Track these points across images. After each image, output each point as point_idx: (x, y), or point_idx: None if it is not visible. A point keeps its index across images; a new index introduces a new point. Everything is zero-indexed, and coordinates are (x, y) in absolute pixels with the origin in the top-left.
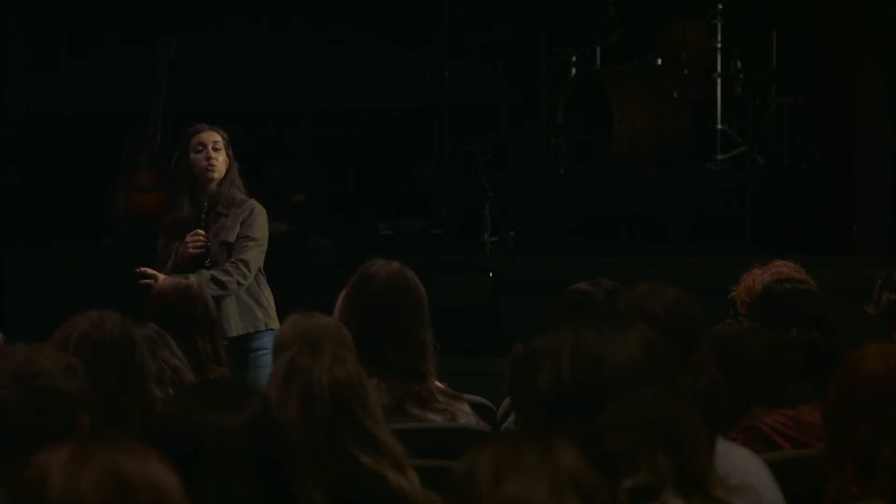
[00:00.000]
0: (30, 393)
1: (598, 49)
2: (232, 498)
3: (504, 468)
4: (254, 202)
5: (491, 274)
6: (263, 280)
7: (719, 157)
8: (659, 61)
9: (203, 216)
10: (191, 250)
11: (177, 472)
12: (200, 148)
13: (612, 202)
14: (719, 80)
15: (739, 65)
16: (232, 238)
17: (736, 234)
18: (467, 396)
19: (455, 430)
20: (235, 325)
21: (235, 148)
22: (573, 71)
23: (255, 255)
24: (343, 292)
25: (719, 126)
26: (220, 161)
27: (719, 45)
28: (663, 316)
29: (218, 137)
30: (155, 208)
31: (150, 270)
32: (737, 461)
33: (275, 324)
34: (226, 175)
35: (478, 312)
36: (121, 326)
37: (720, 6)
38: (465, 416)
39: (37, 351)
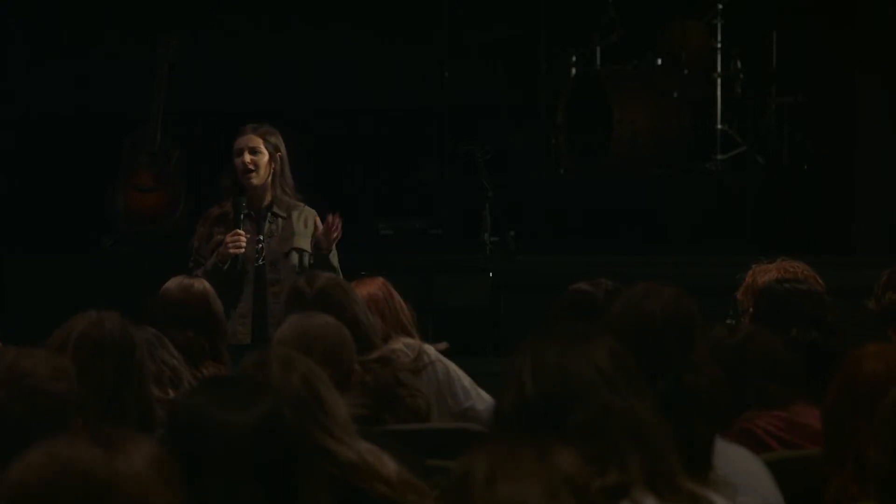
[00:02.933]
0: (20, 393)
1: (598, 49)
2: (233, 497)
3: (499, 470)
4: (308, 208)
5: (491, 274)
6: None
7: (719, 157)
8: (659, 61)
9: (241, 217)
10: (230, 250)
11: (182, 466)
12: (238, 153)
13: (612, 202)
14: (719, 80)
15: (739, 65)
16: (302, 244)
17: (736, 234)
18: None
19: (455, 430)
20: None
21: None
22: (573, 71)
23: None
24: None
25: (719, 126)
26: (261, 165)
27: (719, 45)
28: (662, 315)
29: (258, 142)
30: (155, 208)
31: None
32: (737, 462)
33: None
34: (273, 177)
35: (478, 312)
36: (120, 326)
37: (720, 6)
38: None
39: (26, 353)
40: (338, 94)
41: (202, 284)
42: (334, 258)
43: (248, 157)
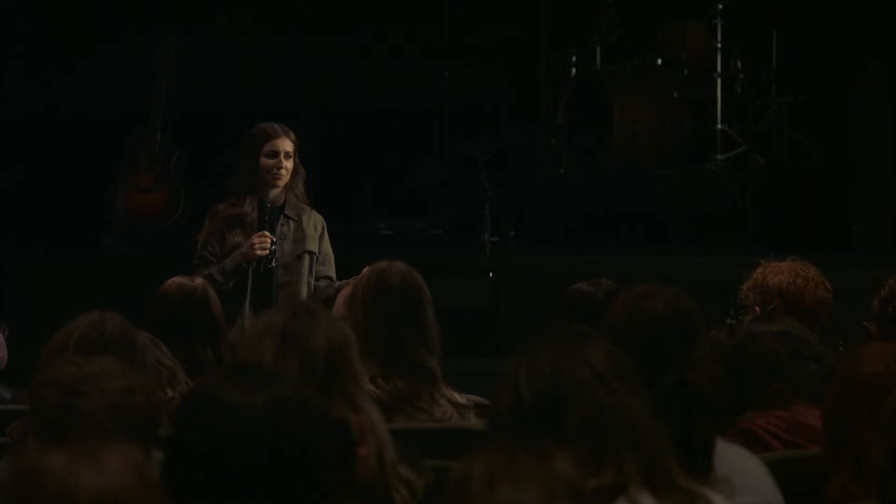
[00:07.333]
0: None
1: (598, 49)
2: (247, 486)
3: (498, 474)
4: (315, 213)
5: (491, 274)
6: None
7: (719, 157)
8: (659, 61)
9: (266, 219)
10: (257, 252)
11: (192, 456)
12: (273, 155)
13: (613, 202)
14: (719, 80)
15: (739, 65)
16: (314, 248)
17: (736, 234)
18: (468, 397)
19: (455, 430)
20: None
21: (235, 148)
22: (573, 71)
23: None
24: (345, 294)
25: (719, 126)
26: (289, 169)
27: (719, 45)
28: (663, 314)
29: (291, 146)
30: (155, 208)
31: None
32: (736, 462)
33: None
34: (293, 180)
35: (478, 312)
36: (121, 327)
37: (720, 6)
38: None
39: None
40: (338, 94)
41: (202, 286)
42: (331, 267)
43: (283, 161)
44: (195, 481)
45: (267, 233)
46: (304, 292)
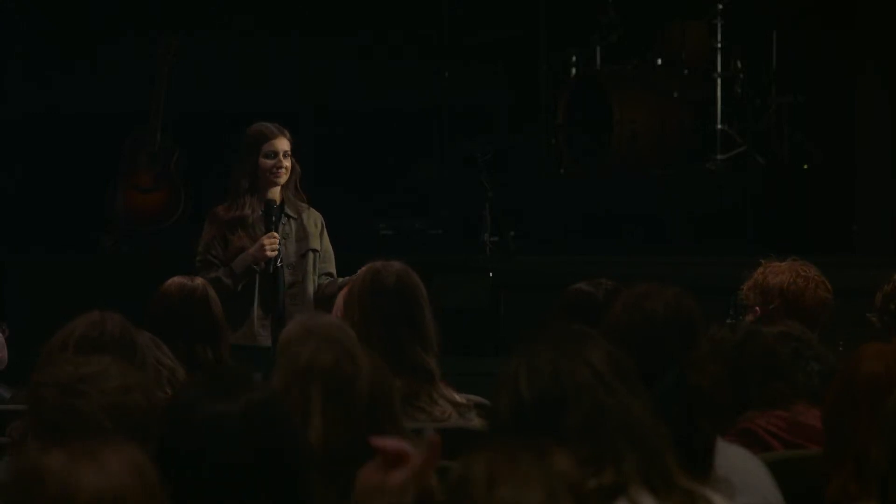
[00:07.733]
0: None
1: (598, 49)
2: (230, 489)
3: (498, 474)
4: (314, 210)
5: (491, 274)
6: None
7: (719, 157)
8: (659, 61)
9: (274, 219)
10: (268, 253)
11: (178, 462)
12: (272, 154)
13: (613, 202)
14: (719, 80)
15: (739, 65)
16: (316, 245)
17: (736, 234)
18: (467, 396)
19: (455, 430)
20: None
21: (235, 148)
22: (573, 71)
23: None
24: (344, 294)
25: (719, 126)
26: (289, 168)
27: (719, 45)
28: (663, 314)
29: (288, 146)
30: (155, 208)
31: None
32: (736, 462)
33: None
34: (289, 179)
35: (478, 312)
36: (121, 327)
37: (720, 6)
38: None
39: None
40: (338, 94)
41: (202, 286)
42: (331, 264)
43: (283, 160)
44: (184, 484)
45: (276, 233)
46: (310, 290)
